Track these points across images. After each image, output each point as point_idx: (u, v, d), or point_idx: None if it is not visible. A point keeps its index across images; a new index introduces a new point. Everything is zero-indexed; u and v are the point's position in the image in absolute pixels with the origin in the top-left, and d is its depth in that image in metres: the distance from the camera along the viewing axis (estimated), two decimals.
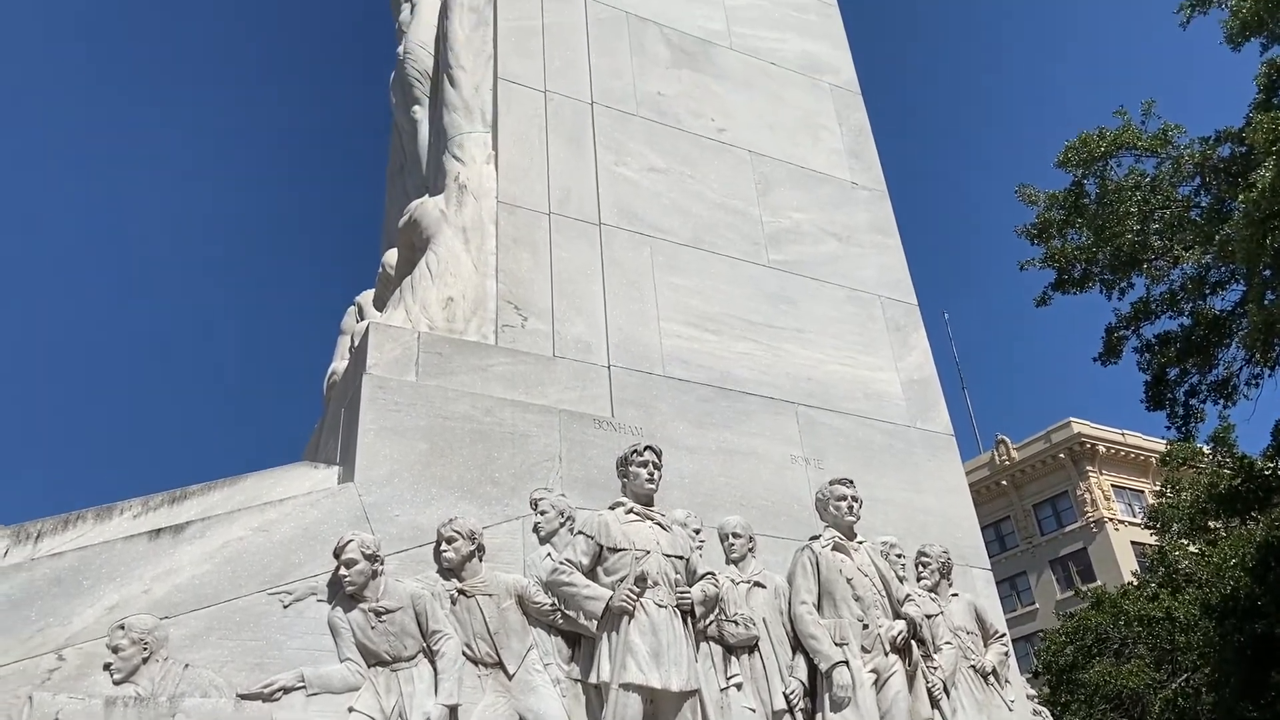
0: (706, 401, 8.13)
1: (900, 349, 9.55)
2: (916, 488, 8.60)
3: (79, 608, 5.10)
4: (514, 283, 8.04)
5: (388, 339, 7.11)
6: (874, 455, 8.57)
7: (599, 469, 7.21)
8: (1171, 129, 18.20)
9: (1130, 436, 43.81)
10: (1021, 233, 19.34)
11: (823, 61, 11.43)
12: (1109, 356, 19.55)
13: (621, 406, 7.75)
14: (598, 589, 6.20)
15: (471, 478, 6.74)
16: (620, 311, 8.29)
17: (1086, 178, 18.33)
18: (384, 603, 5.76)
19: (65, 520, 5.50)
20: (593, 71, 9.65)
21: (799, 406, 8.51)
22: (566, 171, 8.88)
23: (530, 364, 7.58)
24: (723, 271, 9.05)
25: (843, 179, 10.57)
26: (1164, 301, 18.83)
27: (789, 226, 9.78)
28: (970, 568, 8.40)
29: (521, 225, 8.38)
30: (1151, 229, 17.73)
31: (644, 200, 9.10)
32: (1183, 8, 18.19)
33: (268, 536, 5.79)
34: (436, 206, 8.34)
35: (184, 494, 5.94)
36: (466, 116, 9.01)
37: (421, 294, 7.67)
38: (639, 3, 10.46)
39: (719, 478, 7.73)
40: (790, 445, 8.25)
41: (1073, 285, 18.94)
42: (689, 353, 8.35)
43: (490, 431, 7.02)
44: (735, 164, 9.92)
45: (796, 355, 8.87)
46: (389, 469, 6.46)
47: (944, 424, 9.23)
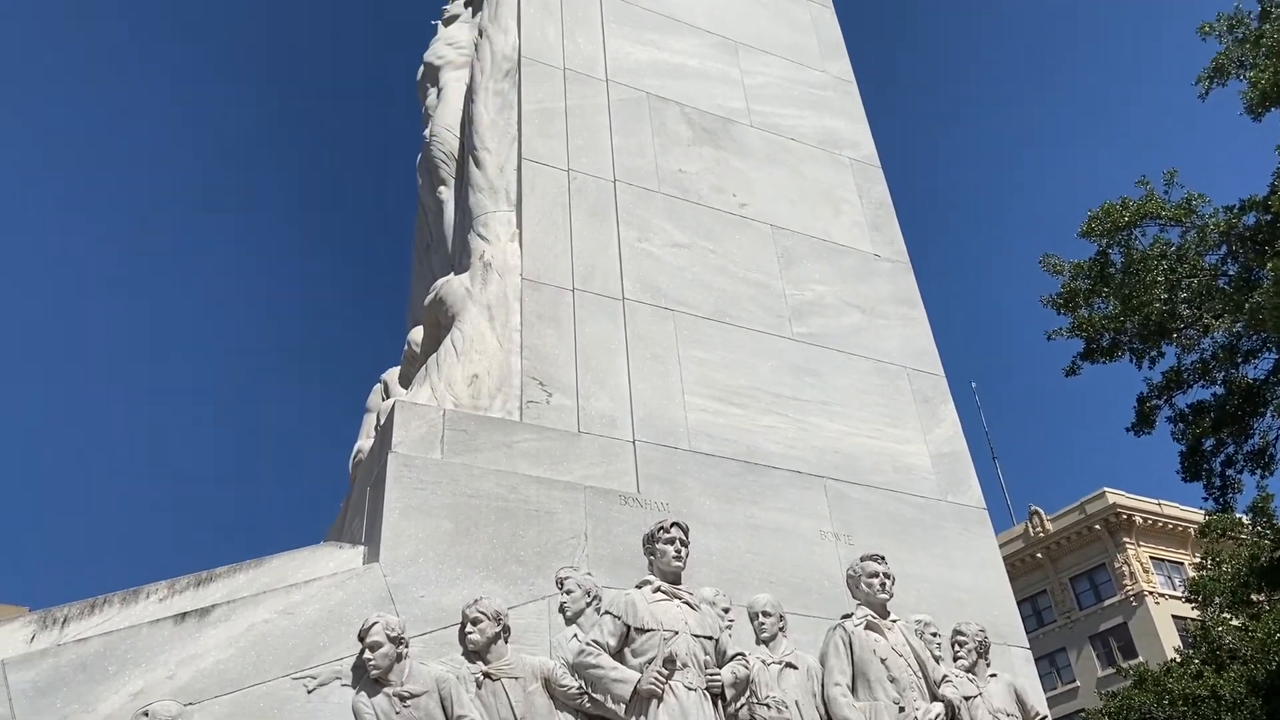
0: (733, 476, 8.05)
1: (928, 421, 9.46)
2: (950, 563, 8.42)
3: (104, 694, 5.05)
4: (538, 358, 8.07)
5: (413, 416, 7.13)
6: (905, 530, 8.42)
7: (625, 546, 7.12)
8: (1195, 198, 18.20)
9: (1167, 506, 42.94)
10: (1047, 302, 19.27)
11: (842, 137, 11.57)
12: (1142, 427, 19.27)
13: (647, 482, 7.69)
14: (625, 671, 6.07)
15: (497, 556, 6.67)
16: (645, 386, 8.28)
17: (1111, 247, 18.30)
18: (409, 687, 5.66)
19: (92, 604, 5.47)
20: (615, 150, 9.82)
21: (827, 480, 8.41)
22: (590, 248, 8.97)
23: (555, 440, 7.56)
24: (747, 345, 9.05)
25: (865, 251, 10.60)
26: (1196, 371, 18.60)
27: (812, 299, 9.79)
28: (1008, 646, 8.17)
29: (545, 301, 8.44)
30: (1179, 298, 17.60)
31: (667, 275, 9.16)
32: (1201, 79, 18.33)
33: (293, 619, 5.73)
34: (462, 284, 8.43)
35: (210, 576, 5.91)
36: (491, 196, 9.16)
37: (447, 371, 7.71)
38: (659, 83, 10.68)
39: (747, 554, 7.61)
40: (819, 520, 8.13)
41: (1102, 355, 18.77)
42: (714, 427, 8.30)
43: (515, 509, 6.97)
44: (757, 238, 9.98)
45: (823, 428, 8.79)
46: (414, 548, 6.41)
47: (976, 497, 9.08)
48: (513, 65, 10.05)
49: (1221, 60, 18.00)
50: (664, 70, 10.84)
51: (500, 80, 9.91)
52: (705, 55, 11.31)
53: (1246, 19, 17.93)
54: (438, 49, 11.49)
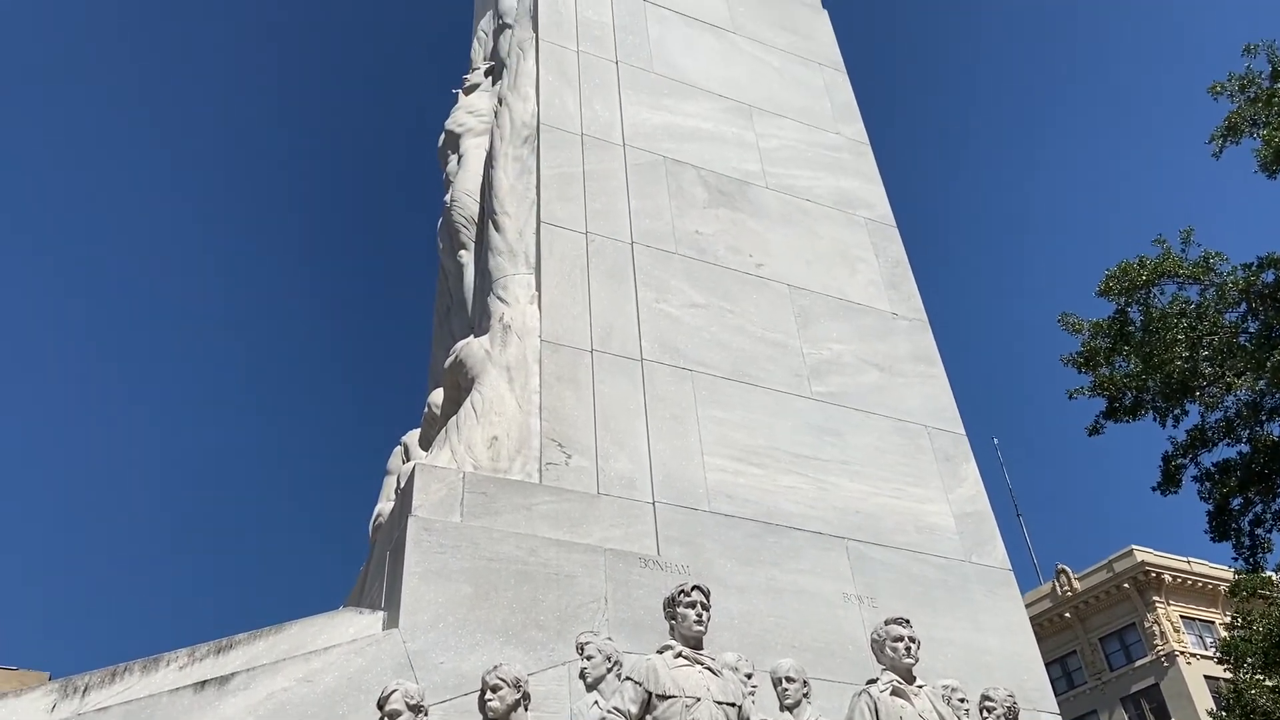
0: (754, 538, 7.99)
1: (950, 480, 9.37)
2: (976, 626, 8.28)
3: None
4: (557, 420, 8.08)
5: (433, 479, 7.14)
6: (929, 592, 8.30)
7: (645, 610, 7.05)
8: (1213, 256, 18.19)
9: (1196, 564, 42.13)
10: (1068, 361, 19.17)
11: (857, 197, 11.67)
12: (1168, 486, 19.02)
13: (667, 544, 7.64)
14: None
15: (516, 621, 6.62)
16: (664, 446, 8.27)
17: (1130, 306, 18.26)
18: None
19: (112, 673, 5.46)
20: (632, 213, 9.94)
21: (849, 541, 8.33)
22: (608, 309, 9.04)
23: (574, 502, 7.54)
24: (766, 404, 9.04)
25: (882, 310, 10.62)
26: (1220, 429, 18.39)
27: (830, 358, 9.80)
28: (1038, 712, 7.98)
29: (564, 363, 8.48)
30: (1201, 356, 17.48)
31: (685, 335, 9.20)
32: (1214, 138, 18.44)
33: (312, 687, 5.69)
34: (481, 347, 8.49)
35: (230, 643, 5.89)
36: (511, 259, 9.27)
37: (466, 433, 7.73)
38: (675, 147, 10.84)
39: (769, 618, 7.52)
40: (842, 582, 8.03)
41: (1125, 413, 18.62)
42: (734, 487, 8.26)
43: (535, 573, 6.93)
44: (774, 298, 10.03)
45: (844, 488, 8.73)
46: (433, 613, 6.38)
47: (1001, 558, 8.95)
48: (531, 132, 10.24)
49: (1234, 119, 18.11)
50: (680, 134, 11.01)
51: (519, 146, 10.10)
52: (720, 119, 11.49)
53: (1258, 79, 18.08)
54: (458, 117, 11.73)
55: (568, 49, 11.21)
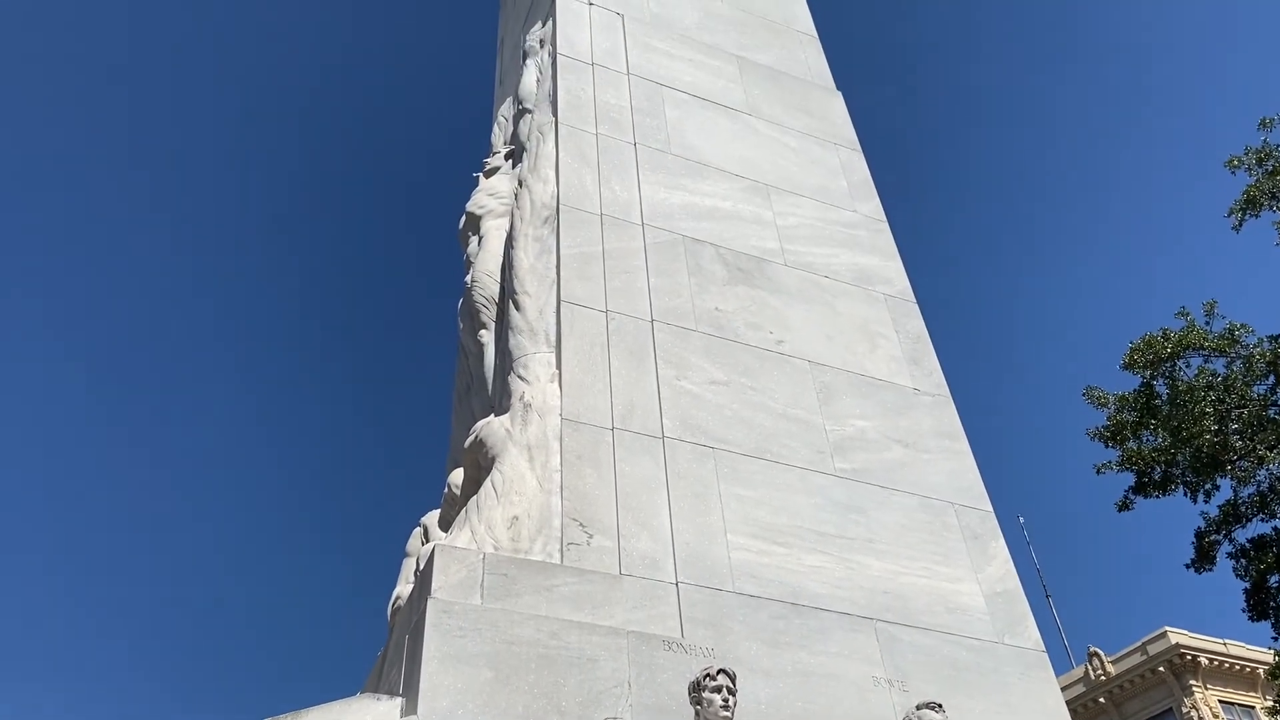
0: (780, 619, 7.80)
1: (979, 558, 9.17)
2: (1011, 710, 8.00)
3: None
4: (579, 499, 7.99)
5: (453, 560, 7.04)
6: (961, 675, 8.05)
7: (670, 695, 6.86)
8: (1238, 328, 18.09)
9: (1233, 646, 40.89)
10: (1094, 435, 18.96)
11: (875, 273, 11.70)
12: (1203, 564, 18.59)
13: (691, 625, 7.47)
14: None
15: (538, 707, 6.44)
16: (686, 525, 8.15)
17: (1155, 379, 18.13)
18: None
19: None
20: (652, 291, 9.98)
21: (877, 622, 8.12)
22: (629, 387, 9.01)
23: (596, 583, 7.41)
24: (789, 481, 8.92)
25: (904, 385, 10.55)
26: (1254, 504, 18.04)
27: (853, 434, 9.70)
28: None
29: (585, 441, 8.43)
30: (1230, 429, 17.26)
31: (706, 413, 9.14)
32: (1234, 211, 18.50)
33: None
34: (502, 426, 8.46)
35: None
36: (531, 338, 9.30)
37: (487, 513, 7.65)
38: (694, 226, 10.94)
39: (797, 703, 7.29)
40: (871, 665, 7.81)
41: (1154, 488, 18.32)
42: (759, 567, 8.11)
43: (556, 656, 6.77)
44: (795, 374, 9.99)
45: (871, 567, 8.55)
46: (453, 699, 6.22)
47: (1034, 639, 8.70)
48: (551, 212, 10.38)
49: (1253, 192, 18.19)
50: (698, 213, 11.12)
51: (539, 227, 10.22)
52: (738, 198, 11.61)
53: (1275, 151, 18.21)
54: (479, 199, 11.91)
55: (586, 132, 11.42)
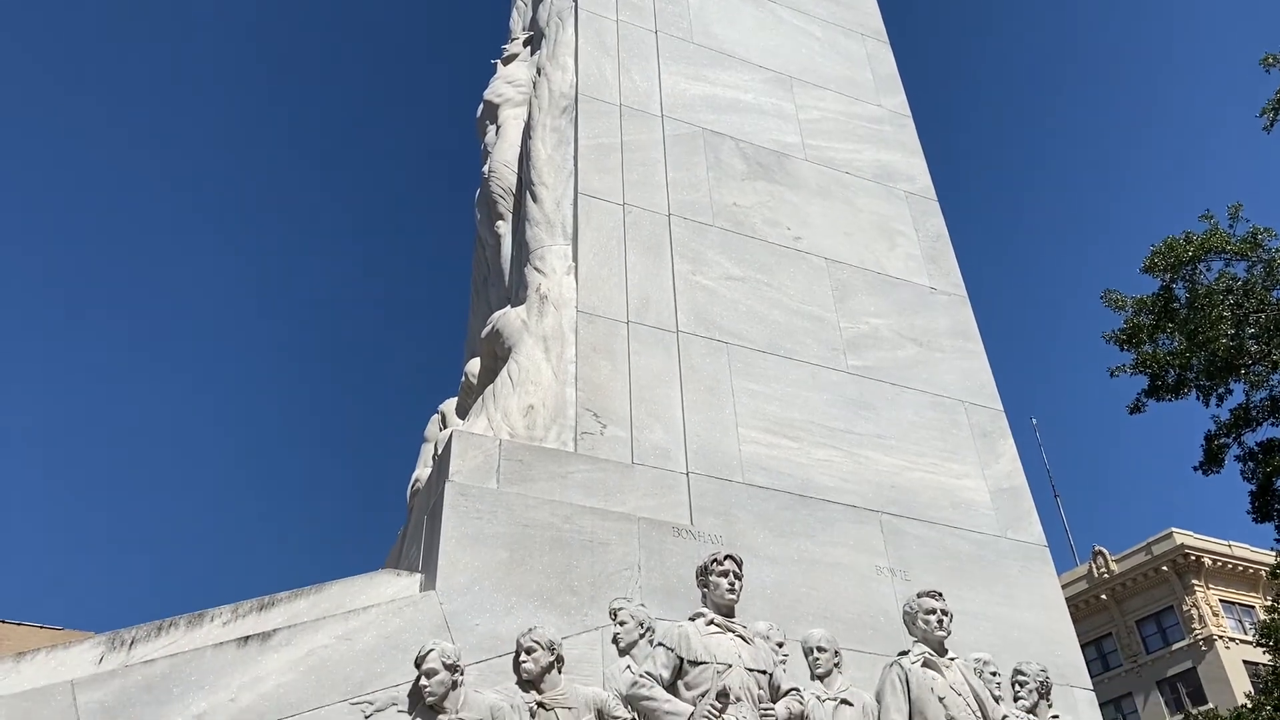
0: (787, 510, 8.01)
1: (987, 456, 9.32)
2: (1010, 601, 8.25)
3: (169, 715, 5.16)
4: (593, 390, 8.13)
5: (470, 446, 7.22)
6: (963, 567, 8.28)
7: (678, 578, 7.11)
8: (1261, 232, 17.79)
9: (1237, 548, 41.53)
10: (1110, 338, 18.88)
11: (897, 170, 11.55)
12: (1210, 466, 18.73)
13: (701, 514, 7.68)
14: (678, 704, 6.04)
15: (551, 586, 6.71)
16: (698, 418, 8.29)
17: (1175, 282, 17.94)
18: (463, 715, 5.69)
19: (159, 627, 5.62)
20: (670, 185, 9.92)
21: (883, 515, 8.32)
22: (644, 281, 9.05)
23: (609, 471, 7.60)
24: (801, 378, 9.02)
25: (921, 284, 10.53)
26: (1265, 408, 18.05)
27: (867, 332, 9.75)
28: (1071, 688, 7.96)
29: (600, 334, 8.52)
30: (1247, 333, 17.14)
31: (721, 308, 9.19)
32: (1266, 111, 17.99)
33: (351, 645, 5.82)
34: (518, 317, 8.55)
35: (271, 601, 6.03)
36: (548, 230, 9.30)
37: (503, 402, 7.81)
38: (714, 118, 10.78)
39: (802, 589, 7.55)
40: (875, 556, 8.04)
41: (1167, 392, 18.33)
42: (768, 460, 8.27)
43: (569, 539, 7.01)
44: (811, 271, 9.98)
45: (879, 462, 8.71)
46: (470, 576, 6.48)
47: (1037, 534, 8.90)
48: (570, 102, 10.24)
49: None
50: (719, 105, 10.94)
51: (557, 117, 10.10)
52: (759, 90, 11.40)
53: None
54: (497, 87, 11.73)
55: (607, 18, 11.17)
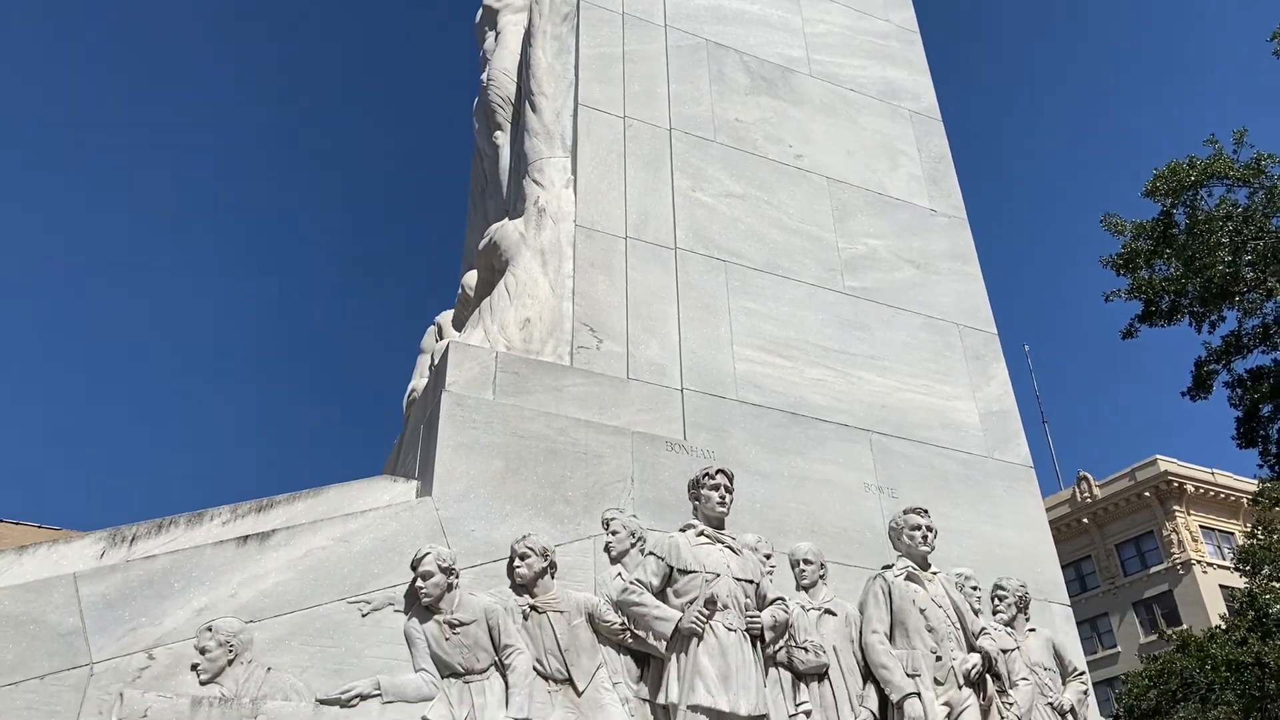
0: (779, 427, 8.11)
1: (979, 378, 9.41)
2: (994, 520, 8.44)
3: (170, 609, 5.32)
4: (590, 305, 8.15)
5: (466, 358, 7.27)
6: (949, 485, 8.44)
7: (670, 491, 7.24)
8: (1264, 158, 17.61)
9: (1220, 476, 42.15)
10: (1107, 263, 18.83)
11: (903, 88, 11.39)
12: (1198, 391, 18.90)
13: (694, 430, 7.79)
14: (667, 610, 6.21)
15: (545, 496, 6.83)
16: (694, 335, 8.34)
17: (1175, 207, 17.83)
18: (458, 615, 5.86)
19: (159, 525, 5.73)
20: (671, 98, 9.78)
21: (873, 434, 8.44)
22: (643, 196, 8.99)
23: (604, 385, 7.67)
24: (797, 297, 9.05)
25: (921, 206, 10.49)
26: (1256, 336, 18.14)
27: (865, 253, 9.74)
28: (1049, 603, 8.19)
29: (598, 249, 8.51)
30: (1244, 261, 17.13)
31: (720, 225, 9.16)
32: (1276, 36, 17.66)
33: (348, 547, 5.95)
34: (516, 229, 8.52)
35: (270, 503, 6.14)
36: (547, 141, 9.20)
37: (500, 315, 7.83)
38: (719, 30, 10.57)
39: (791, 503, 7.70)
40: (864, 473, 8.18)
41: (1160, 318, 18.37)
42: (762, 378, 8.35)
43: (564, 451, 7.11)
44: (812, 190, 9.92)
45: (871, 382, 8.80)
46: (465, 485, 6.59)
47: (1023, 456, 9.05)
48: (571, 9, 10.02)
49: None
50: (723, 16, 10.72)
51: (558, 24, 9.89)
52: (766, 2, 11.15)
53: None
54: None
55: None
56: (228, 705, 5.05)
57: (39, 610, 5.05)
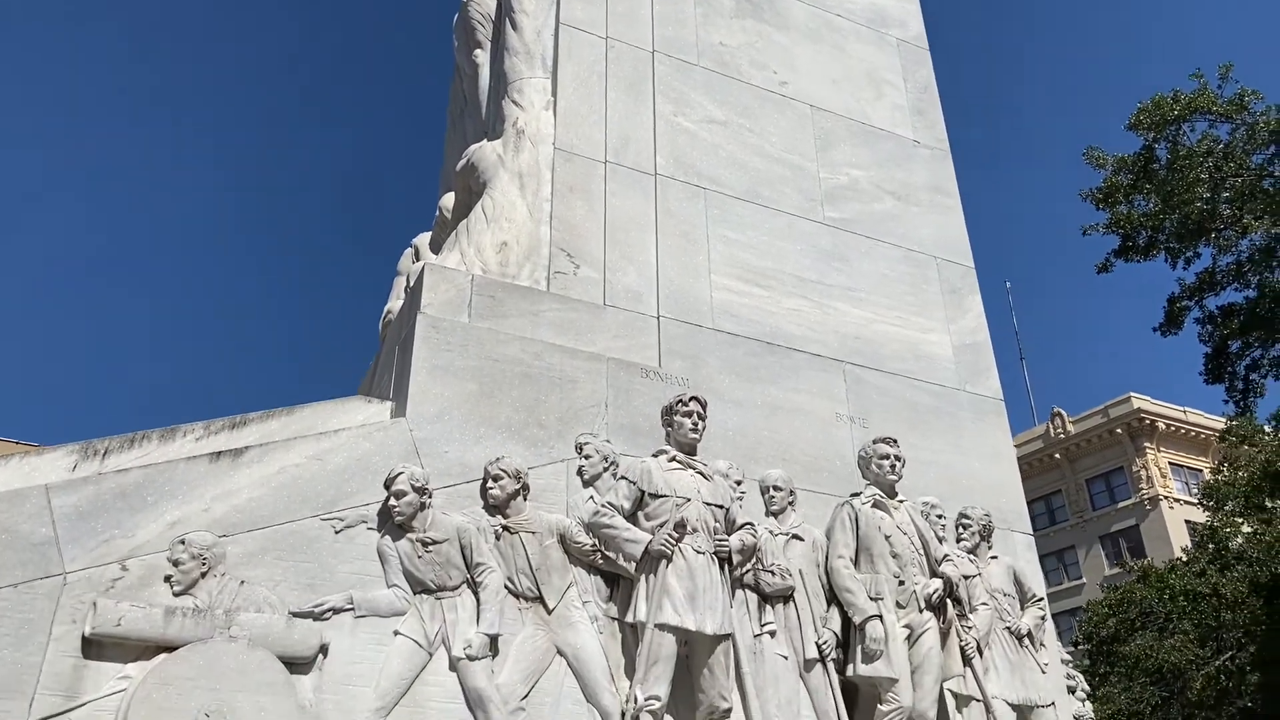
0: (754, 356, 8.16)
1: (954, 311, 9.47)
2: (962, 451, 8.57)
3: (143, 522, 5.36)
4: (567, 230, 8.11)
5: (442, 280, 7.25)
6: (920, 416, 8.55)
7: (644, 417, 7.31)
8: (1248, 94, 17.48)
9: (1192, 414, 42.83)
10: (1087, 196, 18.78)
11: (890, 15, 11.22)
12: (1170, 327, 19.06)
13: (669, 357, 7.83)
14: (638, 532, 6.33)
15: (519, 419, 6.88)
16: (672, 263, 8.32)
17: (1158, 142, 17.73)
18: (431, 534, 5.95)
19: (131, 439, 5.75)
20: (655, 19, 9.60)
21: (846, 365, 8.51)
22: (624, 120, 8.88)
23: (580, 311, 7.68)
24: (777, 227, 9.02)
25: (904, 136, 10.42)
26: (1230, 273, 18.24)
27: (846, 183, 9.69)
28: (1012, 532, 8.38)
29: (577, 173, 8.43)
30: (1222, 197, 17.13)
31: (701, 152, 9.08)
32: None
33: (322, 465, 5.99)
34: (494, 151, 8.41)
35: (244, 420, 6.16)
36: (527, 61, 9.03)
37: (476, 237, 7.78)
38: None
39: (763, 432, 7.79)
40: (836, 403, 8.27)
41: (1137, 253, 18.39)
42: (739, 307, 8.37)
43: (539, 375, 7.14)
44: (796, 118, 9.82)
45: (847, 314, 8.84)
46: (440, 406, 6.63)
47: (994, 389, 9.16)
48: None
49: None
50: None
51: None
52: None
53: None
54: None
55: None
56: (201, 616, 5.13)
57: (11, 520, 5.08)
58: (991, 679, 7.19)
